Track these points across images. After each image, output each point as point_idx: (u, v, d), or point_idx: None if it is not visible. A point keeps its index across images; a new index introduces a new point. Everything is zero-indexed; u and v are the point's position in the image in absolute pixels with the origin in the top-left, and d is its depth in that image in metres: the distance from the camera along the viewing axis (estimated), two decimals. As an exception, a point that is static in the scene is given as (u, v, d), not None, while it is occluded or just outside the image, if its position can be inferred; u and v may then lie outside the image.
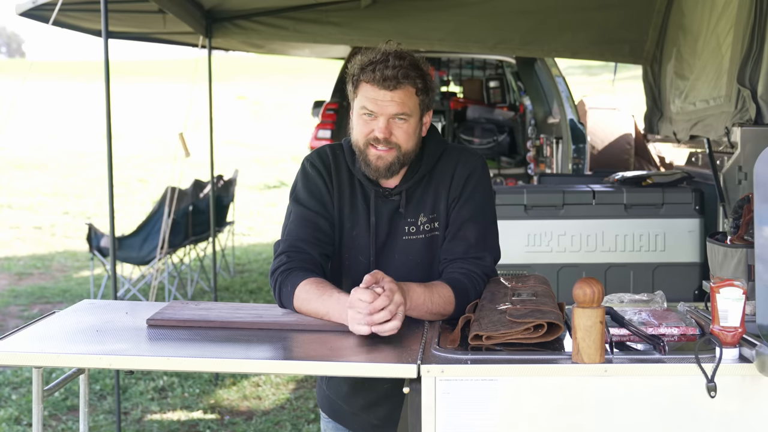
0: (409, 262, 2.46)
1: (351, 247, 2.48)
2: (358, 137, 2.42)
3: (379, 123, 2.36)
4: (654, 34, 5.95)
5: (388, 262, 2.45)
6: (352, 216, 2.47)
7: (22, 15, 5.85)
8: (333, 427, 2.64)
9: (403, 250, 2.46)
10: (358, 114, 2.40)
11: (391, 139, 2.37)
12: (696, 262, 4.43)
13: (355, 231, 2.47)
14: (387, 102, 2.35)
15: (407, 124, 2.38)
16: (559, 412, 1.95)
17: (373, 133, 2.37)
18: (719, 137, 4.42)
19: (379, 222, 2.46)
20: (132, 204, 14.75)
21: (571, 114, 6.63)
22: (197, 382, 5.77)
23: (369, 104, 2.37)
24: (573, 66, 24.86)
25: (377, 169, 2.40)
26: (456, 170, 2.48)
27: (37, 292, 8.70)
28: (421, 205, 2.47)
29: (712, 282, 2.00)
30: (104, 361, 2.10)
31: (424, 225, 2.46)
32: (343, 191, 2.48)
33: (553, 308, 2.11)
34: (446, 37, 6.14)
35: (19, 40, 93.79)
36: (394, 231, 2.46)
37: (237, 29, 6.30)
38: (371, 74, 2.35)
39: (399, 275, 2.32)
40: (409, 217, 2.46)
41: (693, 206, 4.44)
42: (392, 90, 2.34)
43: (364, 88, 2.38)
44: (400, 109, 2.36)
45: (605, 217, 4.44)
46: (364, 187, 2.47)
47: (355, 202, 2.47)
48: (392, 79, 2.34)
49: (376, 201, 2.46)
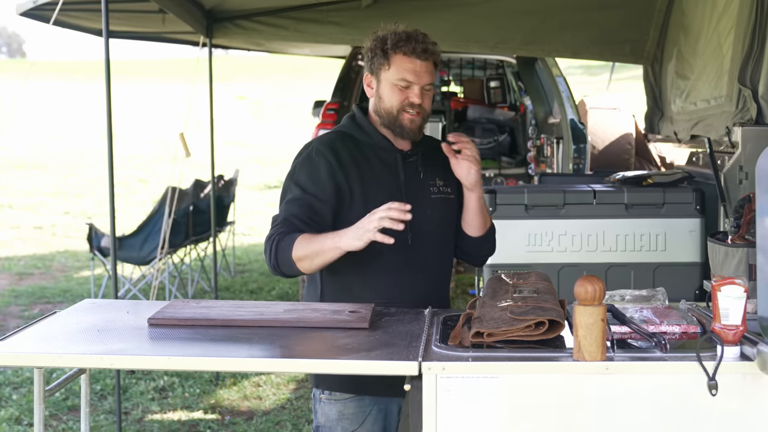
0: (437, 218, 2.75)
1: None
2: (392, 104, 2.68)
3: (415, 90, 2.67)
4: (655, 34, 5.95)
5: (422, 217, 2.66)
6: (374, 181, 2.69)
7: (22, 15, 5.85)
8: (355, 405, 2.61)
9: (434, 206, 2.74)
10: (392, 84, 2.68)
11: (422, 105, 2.69)
12: (697, 261, 4.42)
13: (385, 193, 2.65)
14: (423, 72, 2.67)
15: (431, 93, 2.73)
16: (560, 409, 1.95)
17: (409, 100, 2.67)
18: (720, 137, 4.41)
19: (407, 180, 2.72)
20: (132, 204, 14.75)
21: (571, 114, 6.63)
22: (198, 382, 5.77)
23: (408, 75, 2.66)
24: (573, 66, 24.85)
25: (411, 131, 2.70)
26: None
27: (37, 292, 8.70)
28: (437, 171, 2.77)
29: (713, 280, 2.00)
30: (105, 360, 2.11)
31: (442, 188, 2.77)
32: (360, 165, 2.70)
33: (555, 305, 2.11)
34: (447, 36, 6.13)
35: (20, 40, 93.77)
36: (422, 188, 2.74)
37: (237, 29, 6.29)
38: (410, 47, 2.66)
39: (430, 230, 2.71)
40: (430, 180, 2.76)
41: (694, 206, 4.43)
42: (427, 61, 2.68)
43: (401, 60, 2.66)
44: (431, 79, 2.70)
45: (606, 216, 4.44)
46: (386, 153, 2.73)
47: (374, 170, 2.70)
48: (428, 52, 2.67)
49: (402, 163, 2.73)
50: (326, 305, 2.48)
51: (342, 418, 2.61)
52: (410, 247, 2.66)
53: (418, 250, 2.68)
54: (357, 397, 2.61)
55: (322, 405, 2.65)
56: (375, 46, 2.71)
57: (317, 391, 2.67)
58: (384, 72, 2.69)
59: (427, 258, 2.71)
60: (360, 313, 2.35)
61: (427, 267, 2.71)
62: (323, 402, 2.65)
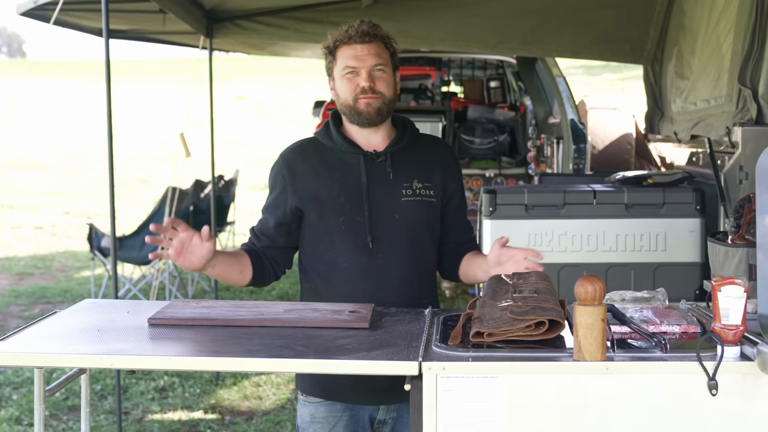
0: (410, 222, 2.67)
1: (343, 212, 2.65)
2: (346, 96, 2.66)
3: (362, 74, 2.64)
4: (655, 34, 5.95)
5: (386, 220, 2.65)
6: (336, 185, 2.66)
7: (23, 15, 5.85)
8: (326, 410, 2.63)
9: (404, 210, 2.67)
10: (341, 76, 2.67)
11: (375, 88, 2.64)
12: (697, 261, 4.42)
13: (342, 197, 2.64)
14: (366, 55, 2.64)
15: (386, 74, 2.67)
16: (560, 409, 1.95)
17: (359, 86, 2.63)
18: (720, 137, 4.41)
19: (370, 182, 2.66)
20: (133, 204, 14.75)
21: (571, 114, 6.63)
22: (198, 382, 5.77)
23: (350, 61, 2.64)
24: (574, 66, 24.84)
25: (369, 114, 2.65)
26: (448, 155, 2.83)
27: (38, 292, 8.70)
28: (414, 172, 2.71)
29: (713, 280, 2.00)
30: (106, 360, 2.10)
31: (420, 190, 2.70)
32: (318, 172, 2.68)
33: (555, 305, 2.11)
34: (447, 36, 6.13)
35: (20, 40, 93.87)
36: (390, 191, 2.67)
37: (238, 29, 6.30)
38: (346, 35, 2.67)
39: (400, 232, 2.65)
40: (403, 181, 2.69)
41: (694, 206, 4.43)
42: (369, 43, 2.65)
43: (342, 50, 2.67)
44: (377, 60, 2.65)
45: (606, 216, 4.44)
46: (350, 156, 2.68)
47: (334, 174, 2.67)
48: (366, 34, 2.65)
49: (365, 164, 2.67)
50: (326, 305, 2.48)
51: (314, 421, 2.65)
52: (372, 252, 2.62)
53: (382, 254, 2.63)
54: (328, 402, 2.63)
55: (300, 406, 2.71)
56: (324, 48, 2.73)
57: (298, 392, 2.72)
58: (334, 69, 2.70)
59: (394, 263, 2.64)
60: (360, 313, 2.35)
61: (394, 273, 2.64)
62: (300, 403, 2.70)
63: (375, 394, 2.61)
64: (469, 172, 8.29)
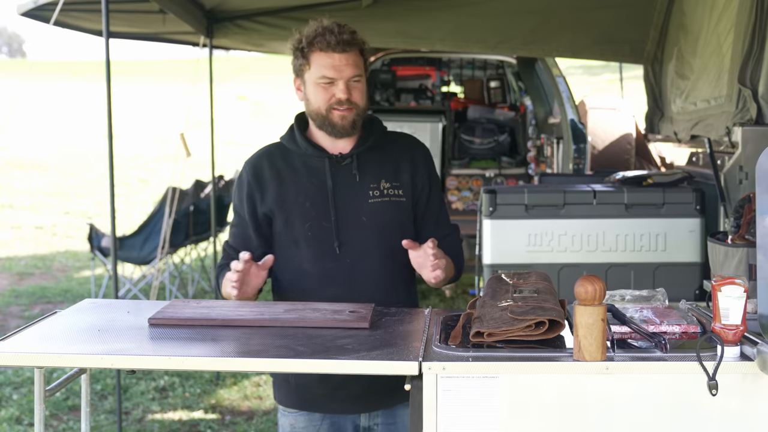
0: (378, 224, 2.61)
1: (309, 218, 2.60)
2: (319, 105, 2.58)
3: (340, 86, 2.55)
4: (655, 34, 5.95)
5: (353, 224, 2.59)
6: (302, 190, 2.60)
7: (23, 15, 5.85)
8: (305, 420, 2.62)
9: (371, 212, 2.60)
10: (315, 83, 2.57)
11: (351, 99, 2.56)
12: (697, 261, 4.42)
13: (308, 202, 2.59)
14: (344, 65, 2.55)
15: (361, 84, 2.60)
16: (560, 409, 1.95)
17: (335, 97, 2.56)
18: (720, 137, 4.41)
19: (336, 186, 2.60)
20: (133, 204, 14.75)
21: (571, 114, 6.63)
22: (198, 381, 5.77)
23: (328, 71, 2.55)
24: (574, 66, 24.84)
25: (344, 128, 2.58)
26: (417, 152, 2.73)
27: (38, 292, 8.70)
28: (381, 172, 2.64)
29: (713, 280, 2.00)
30: (106, 360, 2.10)
31: (387, 190, 2.63)
32: (283, 178, 2.62)
33: (555, 305, 2.11)
34: (447, 37, 6.13)
35: (20, 40, 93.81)
36: (357, 194, 2.61)
37: (238, 29, 6.29)
38: (324, 42, 2.56)
39: (367, 235, 2.59)
40: (370, 183, 2.62)
41: (694, 206, 4.44)
42: (346, 53, 2.56)
43: (318, 57, 2.56)
44: (355, 71, 2.57)
45: (606, 216, 4.44)
46: (315, 159, 2.62)
47: (300, 179, 2.61)
48: (346, 43, 2.56)
49: (331, 168, 2.61)
50: (326, 305, 2.48)
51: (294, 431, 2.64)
52: (339, 257, 2.58)
53: (350, 259, 2.59)
54: (307, 412, 2.62)
55: (279, 416, 2.70)
56: (294, 46, 2.62)
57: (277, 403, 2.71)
58: (306, 73, 2.59)
59: (362, 268, 2.59)
60: (360, 313, 2.35)
61: (363, 277, 2.59)
62: (280, 413, 2.69)
63: (351, 402, 2.59)
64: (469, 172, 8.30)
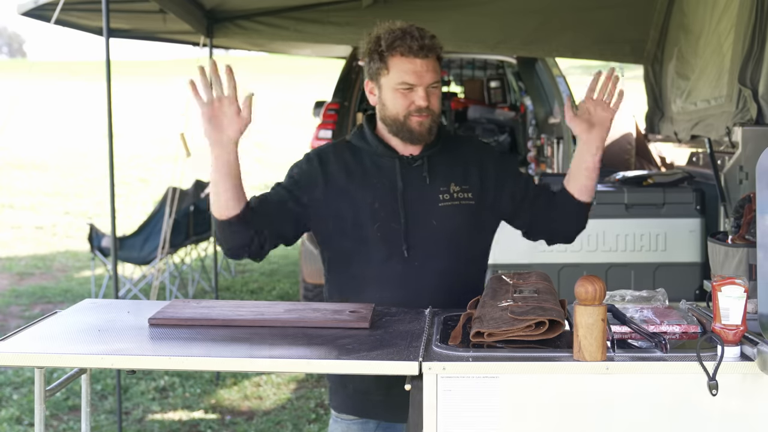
0: (448, 228, 2.56)
1: (378, 218, 2.54)
2: (397, 111, 2.52)
3: (420, 93, 2.50)
4: (655, 34, 5.96)
5: (422, 227, 2.55)
6: (370, 190, 2.55)
7: (23, 15, 5.85)
8: (359, 427, 2.60)
9: (441, 216, 2.56)
10: (394, 89, 2.52)
11: (430, 106, 2.52)
12: (697, 261, 4.43)
13: (377, 203, 2.54)
14: (425, 72, 2.50)
15: (438, 91, 2.56)
16: (560, 409, 1.95)
17: (415, 104, 2.51)
18: (720, 137, 4.42)
19: (406, 188, 2.55)
20: (133, 204, 14.75)
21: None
22: (198, 381, 5.77)
23: (409, 77, 2.50)
24: (574, 66, 24.80)
25: (421, 134, 2.54)
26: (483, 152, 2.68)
27: (38, 292, 8.70)
28: (451, 175, 2.60)
29: (713, 280, 2.00)
30: (106, 361, 2.10)
31: (457, 193, 2.58)
32: (351, 173, 2.57)
33: (555, 305, 2.11)
34: (447, 37, 6.09)
35: (21, 40, 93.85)
36: (427, 197, 2.57)
37: (238, 29, 6.30)
38: (406, 46, 2.49)
39: (437, 240, 2.54)
40: (440, 186, 2.58)
41: (694, 206, 4.44)
42: (428, 59, 2.50)
43: (399, 62, 2.50)
44: (435, 77, 2.52)
45: (606, 216, 4.44)
46: (386, 160, 2.58)
47: (369, 178, 2.56)
48: (428, 48, 2.50)
49: (401, 169, 2.57)
50: (327, 305, 2.48)
51: None
52: (407, 260, 2.53)
53: (418, 263, 2.53)
54: (361, 420, 2.60)
55: (332, 422, 2.68)
56: (370, 49, 2.55)
57: (331, 409, 2.69)
58: (383, 77, 2.53)
59: (430, 272, 2.54)
60: (360, 313, 2.35)
61: (430, 281, 2.53)
62: (333, 419, 2.67)
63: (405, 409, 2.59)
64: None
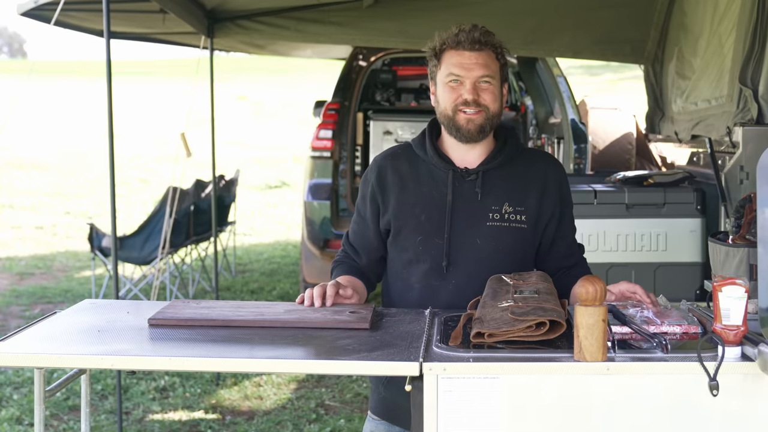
0: (492, 248, 2.48)
1: (422, 231, 2.51)
2: (446, 105, 2.48)
3: (466, 86, 2.45)
4: (655, 34, 5.95)
5: (465, 245, 2.48)
6: (420, 201, 2.51)
7: (23, 15, 5.85)
8: (385, 429, 2.60)
9: (487, 235, 2.48)
10: (444, 84, 2.48)
11: (479, 101, 2.45)
12: (698, 261, 4.43)
13: (424, 215, 2.51)
14: (473, 64, 2.44)
15: (492, 86, 2.47)
16: (561, 410, 1.95)
17: (462, 97, 2.45)
18: (721, 137, 4.42)
19: (456, 201, 2.49)
20: (133, 204, 14.75)
21: (572, 114, 6.63)
22: (198, 382, 5.77)
23: (455, 69, 2.45)
24: (574, 66, 24.83)
25: (469, 132, 2.46)
26: (549, 174, 2.57)
27: (38, 292, 8.70)
28: (507, 194, 2.51)
29: (714, 280, 2.00)
30: (106, 361, 2.10)
31: (509, 215, 2.49)
32: (405, 183, 2.54)
33: (556, 306, 2.11)
34: (448, 36, 6.13)
35: (21, 40, 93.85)
36: (476, 213, 2.49)
37: (239, 29, 6.30)
38: (455, 40, 2.46)
39: (478, 260, 2.46)
40: (492, 204, 2.49)
41: (694, 206, 4.44)
42: (477, 51, 2.45)
43: (448, 55, 2.47)
44: (485, 71, 2.45)
45: (607, 216, 4.44)
46: (439, 170, 2.52)
47: (421, 188, 2.52)
48: (477, 41, 2.45)
49: (454, 181, 2.50)
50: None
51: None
52: (445, 276, 2.49)
53: (456, 280, 2.49)
54: (389, 423, 2.60)
55: (367, 419, 2.68)
56: (430, 49, 2.54)
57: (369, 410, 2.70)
58: (438, 74, 2.52)
59: (467, 292, 2.43)
60: (360, 314, 2.35)
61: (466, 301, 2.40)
62: (368, 416, 2.67)
63: None
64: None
